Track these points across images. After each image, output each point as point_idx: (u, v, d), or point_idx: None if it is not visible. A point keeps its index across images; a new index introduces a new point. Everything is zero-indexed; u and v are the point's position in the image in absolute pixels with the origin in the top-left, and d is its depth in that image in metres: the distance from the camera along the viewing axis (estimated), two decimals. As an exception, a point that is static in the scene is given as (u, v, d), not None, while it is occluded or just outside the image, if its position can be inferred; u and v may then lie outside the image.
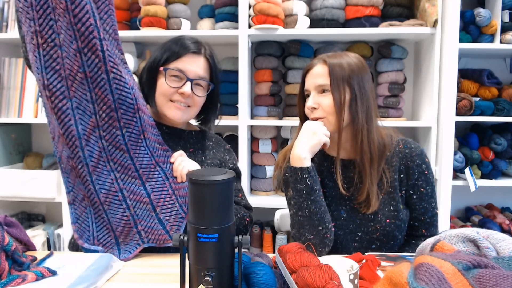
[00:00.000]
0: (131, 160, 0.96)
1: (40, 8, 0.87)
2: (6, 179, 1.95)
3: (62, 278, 0.81)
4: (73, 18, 0.86)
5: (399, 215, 1.05)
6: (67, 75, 0.89)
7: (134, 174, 0.97)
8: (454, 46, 1.72)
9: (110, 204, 0.96)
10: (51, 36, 0.88)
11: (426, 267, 0.49)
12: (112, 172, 0.95)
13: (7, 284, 0.75)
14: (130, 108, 0.93)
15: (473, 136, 1.93)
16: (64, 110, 0.91)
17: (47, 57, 0.88)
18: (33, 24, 0.87)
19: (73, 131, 0.91)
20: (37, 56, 0.88)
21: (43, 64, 0.88)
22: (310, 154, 1.02)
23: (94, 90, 0.91)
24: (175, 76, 1.05)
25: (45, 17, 0.87)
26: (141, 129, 0.96)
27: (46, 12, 0.87)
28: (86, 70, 0.89)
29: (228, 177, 0.64)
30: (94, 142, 0.94)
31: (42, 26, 0.87)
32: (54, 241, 2.08)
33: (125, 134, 0.94)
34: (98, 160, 0.94)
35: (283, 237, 1.96)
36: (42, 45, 0.88)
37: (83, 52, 0.88)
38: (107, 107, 0.92)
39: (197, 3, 2.03)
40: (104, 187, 0.95)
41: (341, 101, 1.01)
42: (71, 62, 0.88)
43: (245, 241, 0.66)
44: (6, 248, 0.78)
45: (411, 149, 1.08)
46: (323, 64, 1.04)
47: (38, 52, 0.88)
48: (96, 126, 0.93)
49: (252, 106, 2.06)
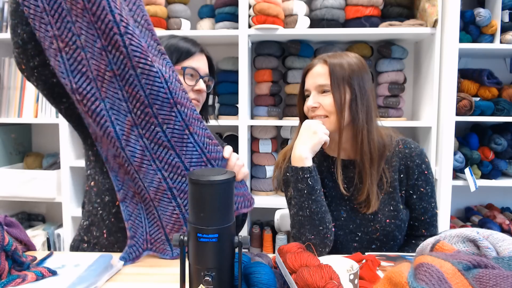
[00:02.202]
0: (179, 158, 0.91)
1: (54, 12, 0.83)
2: (6, 179, 1.95)
3: (62, 278, 0.81)
4: (93, 17, 0.83)
5: (399, 215, 1.05)
6: (95, 76, 0.86)
7: (183, 172, 0.92)
8: (454, 46, 1.72)
9: (160, 201, 0.93)
10: (71, 38, 0.84)
11: (426, 267, 0.49)
12: (159, 171, 0.92)
13: (7, 284, 0.75)
14: (165, 103, 0.88)
15: (473, 136, 1.93)
16: (99, 112, 0.87)
17: (71, 60, 0.85)
18: (50, 29, 0.83)
19: (111, 132, 0.88)
20: (60, 61, 0.85)
21: (68, 68, 0.85)
22: (311, 154, 1.02)
23: (124, 88, 0.87)
24: (189, 74, 1.07)
25: (61, 20, 0.83)
26: (183, 123, 0.90)
27: (62, 16, 0.84)
28: (114, 68, 0.86)
29: (228, 177, 0.64)
30: (135, 141, 0.90)
31: (61, 30, 0.84)
32: (54, 241, 2.09)
33: (166, 131, 0.90)
34: (142, 159, 0.90)
35: (283, 237, 1.96)
36: (64, 49, 0.84)
37: (108, 50, 0.85)
38: (140, 103, 0.88)
39: (197, 3, 2.03)
40: (152, 185, 0.92)
41: (342, 101, 1.01)
42: (98, 61, 0.86)
43: (245, 241, 0.66)
44: (6, 248, 0.78)
45: (411, 149, 1.08)
46: (323, 64, 1.04)
47: (61, 56, 0.85)
48: (133, 125, 0.89)
49: (252, 106, 2.06)
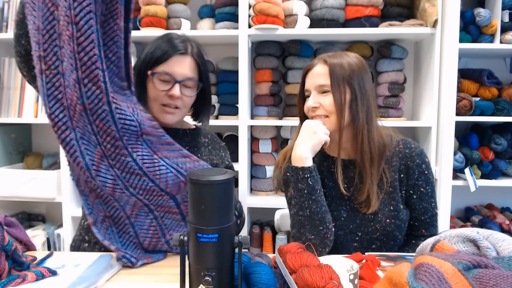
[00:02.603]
0: (153, 183, 0.91)
1: (46, 32, 0.82)
2: (6, 179, 1.95)
3: (62, 278, 0.81)
4: (77, 47, 0.80)
5: (399, 215, 1.05)
6: (69, 104, 0.85)
7: (160, 193, 0.92)
8: (454, 46, 1.72)
9: (137, 216, 0.93)
10: (54, 62, 0.83)
11: (426, 267, 0.49)
12: (134, 196, 0.91)
13: (7, 284, 0.75)
14: (133, 134, 0.89)
15: (473, 136, 1.92)
16: (68, 141, 0.86)
17: (49, 84, 0.84)
18: (37, 49, 0.83)
19: (80, 162, 0.87)
20: (41, 83, 0.84)
21: (45, 92, 0.84)
22: (311, 154, 1.02)
23: (94, 122, 0.85)
24: (162, 80, 1.04)
25: (50, 42, 0.82)
26: (150, 150, 0.91)
27: (52, 38, 0.83)
28: (85, 102, 0.83)
29: (228, 177, 0.64)
30: (106, 171, 0.89)
31: (47, 51, 0.82)
32: (54, 241, 2.08)
33: (137, 159, 0.89)
34: (114, 187, 0.89)
35: (283, 237, 1.96)
36: (45, 72, 0.83)
37: (83, 82, 0.82)
38: (111, 138, 0.87)
39: (197, 3, 2.03)
40: (128, 204, 0.91)
41: (342, 101, 1.01)
42: (71, 92, 0.84)
43: (245, 241, 0.66)
44: (6, 248, 0.78)
45: (411, 149, 1.08)
46: (323, 64, 1.04)
47: (41, 79, 0.83)
48: (103, 156, 0.88)
49: (252, 106, 2.06)
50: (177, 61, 1.04)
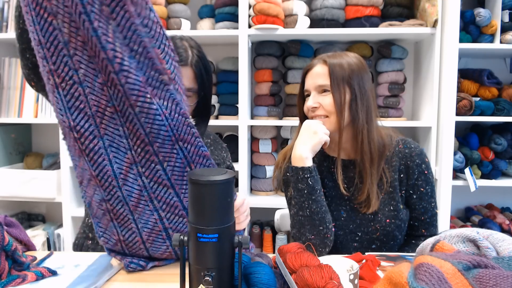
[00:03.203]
0: (177, 197, 0.87)
1: (50, 45, 0.78)
2: (6, 179, 1.95)
3: (62, 278, 0.81)
4: (91, 51, 0.77)
5: (399, 215, 1.05)
6: (95, 112, 0.81)
7: (181, 212, 0.88)
8: (454, 46, 1.72)
9: (153, 242, 0.90)
10: (68, 73, 0.79)
11: (426, 267, 0.49)
12: (156, 211, 0.87)
13: (7, 284, 0.75)
14: (167, 140, 0.83)
15: (473, 136, 1.93)
16: (97, 150, 0.82)
17: (68, 96, 0.80)
18: (46, 64, 0.79)
19: (108, 171, 0.83)
20: (58, 97, 0.80)
21: (65, 104, 0.80)
22: (311, 154, 1.02)
23: (125, 124, 0.82)
24: None
25: (57, 54, 0.78)
26: (185, 161, 0.85)
27: (58, 49, 0.78)
28: (115, 104, 0.80)
29: (228, 177, 0.64)
30: (133, 180, 0.85)
31: (57, 64, 0.78)
32: (54, 241, 2.09)
33: (167, 169, 0.85)
34: (139, 199, 0.86)
35: (283, 237, 1.96)
36: (60, 85, 0.79)
37: (108, 85, 0.79)
38: (140, 141, 0.82)
39: (197, 3, 2.03)
40: (147, 226, 0.88)
41: (342, 101, 1.01)
42: (98, 97, 0.80)
43: (245, 241, 0.66)
44: (6, 248, 0.78)
45: (410, 149, 1.08)
46: (323, 64, 1.04)
47: (58, 93, 0.79)
48: (133, 163, 0.84)
49: (252, 106, 2.06)
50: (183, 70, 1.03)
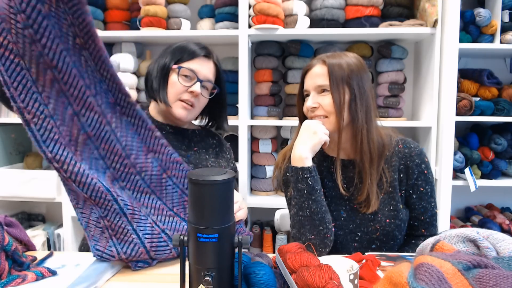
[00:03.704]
0: (160, 201, 0.93)
1: (18, 84, 0.80)
2: (6, 179, 1.95)
3: (62, 278, 0.81)
4: (64, 85, 0.82)
5: (399, 215, 1.05)
6: (67, 141, 0.85)
7: (169, 213, 0.94)
8: (454, 46, 1.72)
9: (157, 248, 0.91)
10: (38, 108, 0.81)
11: (426, 267, 0.49)
12: (148, 216, 0.92)
13: (7, 284, 0.75)
14: (140, 151, 0.91)
15: (473, 136, 1.93)
16: (82, 172, 0.85)
17: (42, 130, 0.83)
18: (13, 103, 0.81)
19: (100, 187, 0.86)
20: (32, 132, 0.82)
21: (40, 138, 0.83)
22: (311, 154, 1.02)
23: (100, 146, 0.87)
24: (186, 75, 1.09)
25: (26, 92, 0.80)
26: (160, 168, 0.93)
27: (27, 87, 0.80)
28: (88, 130, 0.86)
29: (228, 177, 0.64)
30: (121, 193, 0.90)
31: (26, 101, 0.81)
32: (54, 241, 2.08)
33: (145, 178, 0.91)
34: (133, 207, 0.90)
35: (283, 237, 1.96)
36: (32, 120, 0.81)
37: (81, 114, 0.85)
38: (118, 157, 0.89)
39: (197, 3, 2.03)
40: (146, 231, 0.90)
41: (341, 101, 1.01)
42: (69, 128, 0.84)
43: (245, 241, 0.66)
44: (6, 248, 0.78)
45: (410, 148, 1.08)
46: (322, 64, 1.04)
47: (30, 129, 0.82)
48: (113, 179, 0.90)
49: (252, 106, 2.06)
50: (202, 62, 1.11)
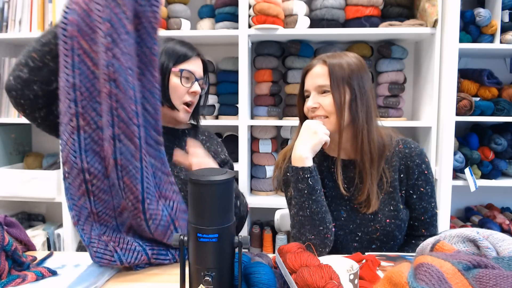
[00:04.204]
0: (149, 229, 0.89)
1: (86, 90, 0.81)
2: (6, 179, 1.95)
3: (62, 278, 0.81)
4: (115, 103, 0.79)
5: (399, 215, 1.05)
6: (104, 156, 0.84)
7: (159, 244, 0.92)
8: (454, 46, 1.72)
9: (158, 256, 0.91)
10: (93, 118, 0.82)
11: (426, 267, 0.49)
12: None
13: (7, 284, 0.75)
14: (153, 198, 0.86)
15: (473, 136, 1.93)
16: (105, 189, 0.85)
17: (88, 139, 0.82)
18: (73, 106, 0.80)
19: (109, 204, 0.87)
20: (75, 139, 0.81)
21: (83, 147, 0.81)
22: (311, 154, 1.02)
23: (123, 178, 0.82)
24: (185, 77, 1.11)
25: (90, 99, 0.81)
26: (169, 219, 0.89)
27: (93, 95, 0.81)
28: (118, 158, 0.81)
29: (228, 177, 0.64)
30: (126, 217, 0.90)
31: (86, 108, 0.81)
32: (54, 241, 2.08)
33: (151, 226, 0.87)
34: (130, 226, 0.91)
35: (283, 237, 1.96)
36: (84, 127, 0.81)
37: (119, 138, 0.80)
38: (134, 197, 0.84)
39: (197, 3, 2.03)
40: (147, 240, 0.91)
41: (341, 101, 1.01)
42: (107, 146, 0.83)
43: (245, 241, 0.66)
44: (6, 248, 0.78)
45: (410, 149, 1.08)
46: (322, 64, 1.04)
47: (78, 135, 0.81)
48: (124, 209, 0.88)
49: (252, 106, 2.06)
50: (195, 62, 1.13)
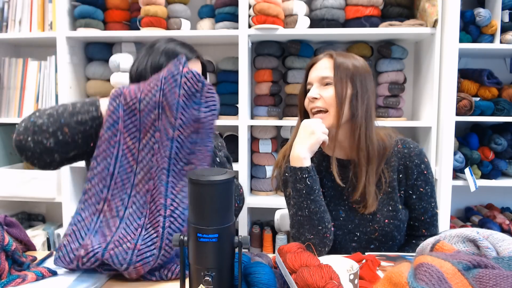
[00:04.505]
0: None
1: (120, 181, 0.87)
2: (6, 179, 1.95)
3: (62, 278, 0.81)
4: (150, 197, 0.86)
5: (398, 215, 1.05)
6: (113, 240, 0.84)
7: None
8: (454, 46, 1.72)
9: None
10: (118, 207, 0.87)
11: (426, 267, 0.49)
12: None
13: (7, 284, 0.75)
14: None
15: (473, 136, 1.92)
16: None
17: (103, 223, 0.86)
18: (105, 192, 0.87)
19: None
20: (94, 220, 0.86)
21: (93, 226, 0.85)
22: (309, 154, 1.02)
23: (135, 264, 0.81)
24: None
25: (121, 189, 0.87)
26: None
27: (125, 186, 0.87)
28: (138, 243, 0.83)
29: (228, 177, 0.64)
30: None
31: (114, 196, 0.87)
32: (54, 241, 2.09)
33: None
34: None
35: (283, 237, 1.96)
36: (105, 212, 0.87)
37: (145, 227, 0.85)
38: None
39: (197, 3, 2.03)
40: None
41: (343, 95, 1.01)
42: (125, 232, 0.84)
43: (245, 241, 0.66)
44: (6, 248, 0.78)
45: (409, 149, 1.08)
46: (329, 58, 1.05)
47: (97, 217, 0.86)
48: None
49: (252, 106, 2.06)
50: (194, 64, 1.12)
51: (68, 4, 1.93)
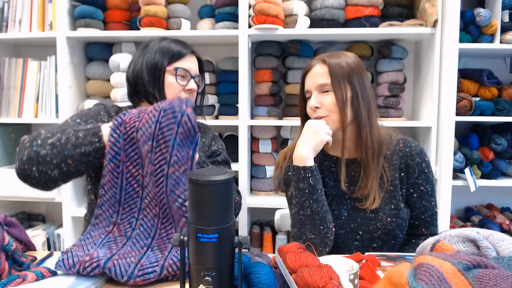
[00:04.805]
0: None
1: (128, 206, 0.91)
2: (6, 179, 1.95)
3: (62, 278, 0.81)
4: (159, 223, 0.90)
5: (400, 214, 1.05)
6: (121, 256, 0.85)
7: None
8: (454, 46, 1.72)
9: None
10: (126, 229, 0.90)
11: (426, 267, 0.49)
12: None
13: (7, 284, 0.75)
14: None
15: (473, 136, 1.92)
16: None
17: (111, 240, 0.89)
18: (115, 217, 0.91)
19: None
20: (103, 238, 0.89)
21: (99, 242, 0.88)
22: (313, 154, 1.02)
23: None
24: (181, 75, 1.11)
25: (128, 213, 0.91)
26: None
27: (133, 211, 0.91)
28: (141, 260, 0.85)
29: (228, 177, 0.64)
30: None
31: (123, 220, 0.91)
32: (54, 241, 2.08)
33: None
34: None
35: (283, 237, 1.96)
36: (114, 233, 0.90)
37: (152, 248, 0.88)
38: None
39: (197, 3, 2.03)
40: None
41: (343, 99, 1.01)
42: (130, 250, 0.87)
43: (245, 241, 0.66)
44: (6, 248, 0.78)
45: (411, 147, 1.08)
46: (322, 64, 1.04)
47: (106, 236, 0.90)
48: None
49: (252, 106, 2.06)
50: (189, 59, 1.13)
51: (68, 4, 1.93)
